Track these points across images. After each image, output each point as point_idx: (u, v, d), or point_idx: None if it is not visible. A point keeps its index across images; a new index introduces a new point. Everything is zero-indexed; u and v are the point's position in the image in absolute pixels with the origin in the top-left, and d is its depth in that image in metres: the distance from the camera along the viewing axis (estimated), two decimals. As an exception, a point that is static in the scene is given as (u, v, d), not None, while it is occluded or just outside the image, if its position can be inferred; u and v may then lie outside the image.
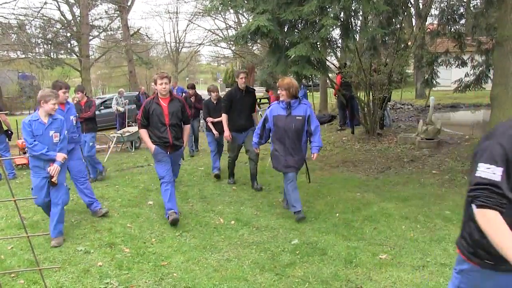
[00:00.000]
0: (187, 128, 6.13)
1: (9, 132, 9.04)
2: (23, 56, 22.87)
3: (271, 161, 6.02)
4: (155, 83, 5.78)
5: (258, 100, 25.41)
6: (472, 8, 11.49)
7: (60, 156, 5.18)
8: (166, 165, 5.88)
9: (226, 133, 7.51)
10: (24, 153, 10.20)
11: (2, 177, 8.93)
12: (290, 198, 5.84)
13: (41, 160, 5.12)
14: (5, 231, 5.83)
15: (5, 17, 21.22)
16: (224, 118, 7.49)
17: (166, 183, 5.86)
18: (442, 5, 11.63)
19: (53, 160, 5.13)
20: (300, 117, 5.69)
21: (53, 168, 5.11)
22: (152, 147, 5.79)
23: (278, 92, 5.79)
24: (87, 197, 6.22)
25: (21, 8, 29.30)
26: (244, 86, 7.35)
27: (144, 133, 5.88)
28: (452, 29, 11.18)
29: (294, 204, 5.79)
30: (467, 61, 12.20)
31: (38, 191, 5.28)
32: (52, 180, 5.14)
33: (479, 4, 11.41)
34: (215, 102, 8.58)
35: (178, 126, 5.90)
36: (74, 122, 6.45)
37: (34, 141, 5.01)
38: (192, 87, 11.58)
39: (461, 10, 11.31)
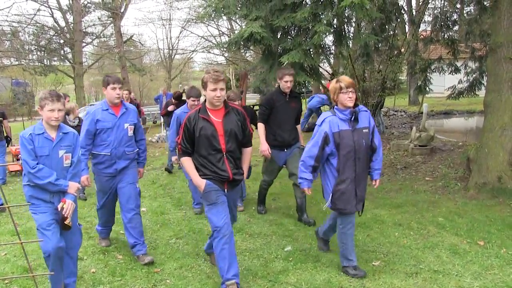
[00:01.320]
0: (248, 152, 4.24)
1: (9, 138, 9.06)
2: (17, 63, 22.82)
3: (333, 202, 4.21)
4: (205, 88, 3.94)
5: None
6: (465, 15, 11.58)
7: (73, 187, 3.77)
8: (222, 210, 4.03)
9: (264, 146, 5.87)
10: (18, 159, 10.18)
11: None
12: (346, 247, 4.34)
13: (46, 191, 3.68)
14: (-2, 238, 5.82)
15: (-1, 24, 21.19)
16: (261, 128, 5.92)
17: (222, 237, 3.98)
18: (435, 11, 11.71)
19: (63, 192, 3.74)
20: (366, 130, 4.15)
21: (67, 206, 3.69)
22: (202, 183, 3.97)
23: (341, 94, 4.06)
24: (132, 237, 4.87)
25: (15, 15, 29.27)
26: (289, 90, 5.85)
27: (188, 162, 4.04)
28: (446, 36, 11.25)
29: (351, 257, 4.36)
30: (461, 67, 12.27)
31: (46, 232, 3.65)
32: (65, 222, 3.68)
33: (472, 10, 11.50)
34: None
35: (237, 150, 4.10)
36: (131, 131, 4.89)
37: (38, 163, 3.59)
38: (178, 97, 9.84)
39: (455, 17, 11.40)
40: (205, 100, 4.02)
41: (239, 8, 7.74)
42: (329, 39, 8.99)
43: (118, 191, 4.89)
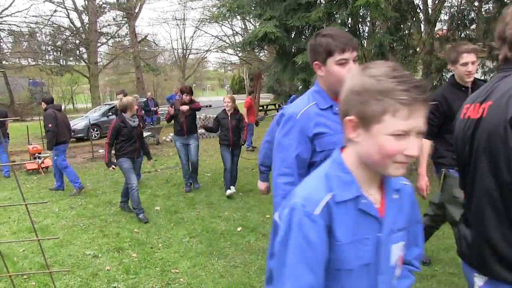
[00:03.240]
0: None
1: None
2: (34, 63, 23.19)
3: None
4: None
5: (265, 107, 25.50)
6: (484, 13, 11.40)
7: None
8: None
9: (423, 181, 4.58)
10: (35, 158, 10.29)
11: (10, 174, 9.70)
12: None
13: None
14: (17, 234, 5.94)
15: (17, 26, 21.53)
16: (426, 145, 4.14)
17: None
18: (452, 10, 11.57)
19: None
20: None
21: None
22: None
23: None
24: None
25: (32, 16, 29.71)
26: (471, 79, 3.59)
27: None
28: (462, 35, 11.09)
29: None
30: (478, 67, 12.11)
31: None
32: None
33: (491, 8, 11.31)
34: None
35: None
36: None
37: None
38: (189, 91, 7.73)
39: (472, 15, 11.23)
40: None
41: (253, 8, 7.73)
42: (343, 39, 8.94)
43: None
